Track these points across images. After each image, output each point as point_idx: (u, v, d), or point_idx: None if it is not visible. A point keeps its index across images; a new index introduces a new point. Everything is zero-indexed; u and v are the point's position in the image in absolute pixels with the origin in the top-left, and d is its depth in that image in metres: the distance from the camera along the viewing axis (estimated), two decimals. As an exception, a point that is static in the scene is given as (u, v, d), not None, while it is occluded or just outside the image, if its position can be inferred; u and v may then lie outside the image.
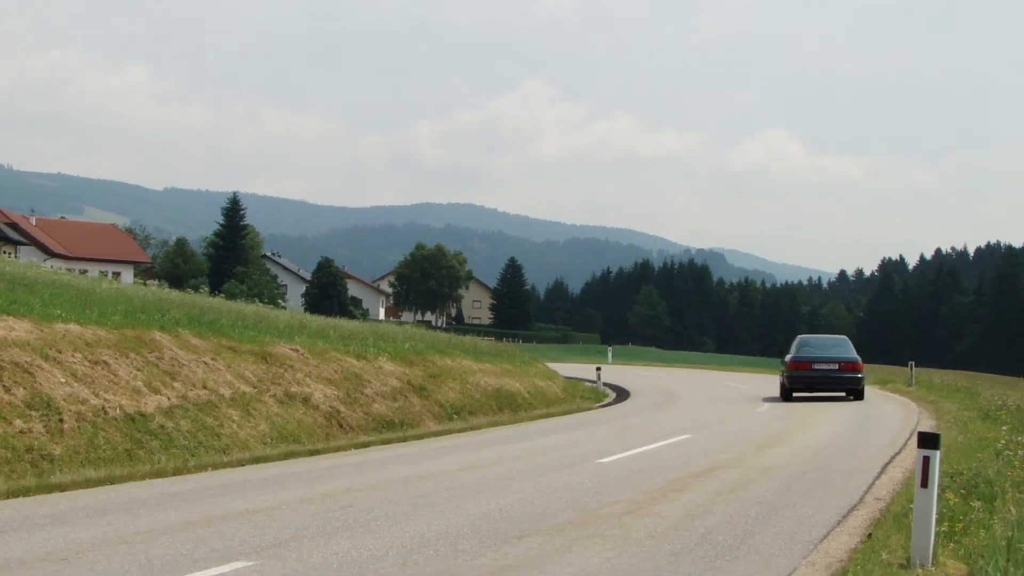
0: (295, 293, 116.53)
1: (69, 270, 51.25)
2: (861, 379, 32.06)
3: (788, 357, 32.60)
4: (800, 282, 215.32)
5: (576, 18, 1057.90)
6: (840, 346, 33.48)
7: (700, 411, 28.94)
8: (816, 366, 31.76)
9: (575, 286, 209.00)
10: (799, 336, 35.75)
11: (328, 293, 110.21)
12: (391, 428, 21.70)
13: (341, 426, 20.50)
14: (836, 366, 31.81)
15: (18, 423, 13.66)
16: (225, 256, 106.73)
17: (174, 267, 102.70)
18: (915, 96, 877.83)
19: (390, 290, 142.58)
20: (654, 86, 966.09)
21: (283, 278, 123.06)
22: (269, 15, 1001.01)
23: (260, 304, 35.85)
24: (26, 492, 11.96)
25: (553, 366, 43.40)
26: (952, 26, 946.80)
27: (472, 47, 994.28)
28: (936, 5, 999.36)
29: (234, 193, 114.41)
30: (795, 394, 32.32)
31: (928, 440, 8.75)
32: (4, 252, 61.24)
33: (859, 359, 32.48)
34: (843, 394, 32.26)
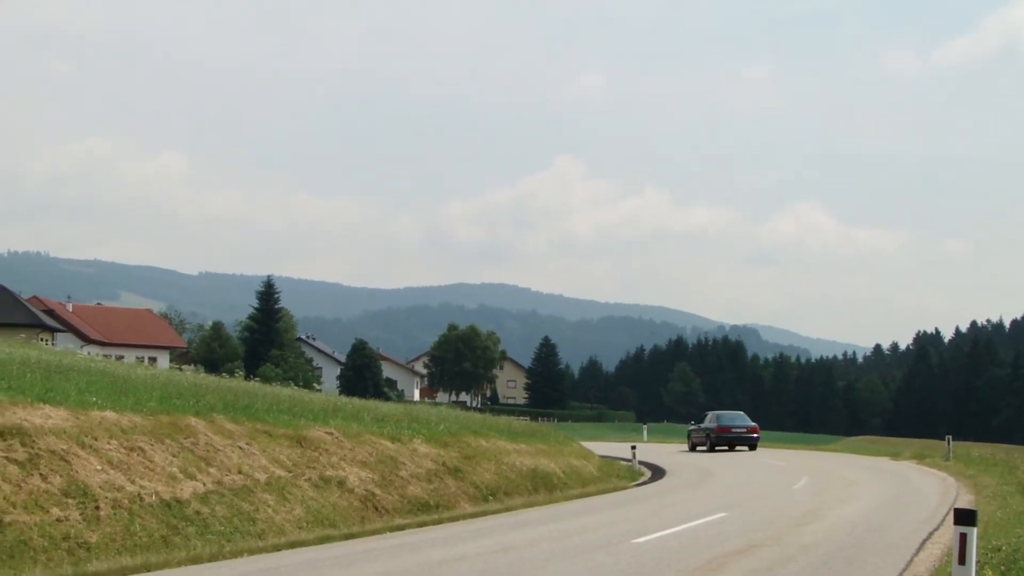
0: (330, 375, 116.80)
1: (106, 356, 51.71)
2: (757, 438, 50.35)
3: (713, 424, 49.91)
4: (835, 357, 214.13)
5: (606, 95, 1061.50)
6: (742, 417, 52.27)
7: (736, 488, 28.76)
8: (733, 430, 49.64)
9: (609, 364, 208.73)
10: (712, 412, 54.59)
11: (363, 375, 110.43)
12: (426, 510, 21.64)
13: (376, 509, 20.48)
14: (744, 429, 49.90)
15: (55, 511, 13.76)
16: (260, 340, 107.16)
17: (210, 351, 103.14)
18: (947, 167, 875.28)
19: (424, 371, 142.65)
20: (684, 161, 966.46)
21: (318, 361, 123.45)
22: (302, 99, 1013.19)
23: (295, 387, 35.97)
24: (63, 580, 12.02)
25: (588, 445, 43.24)
26: (981, 98, 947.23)
27: (504, 125, 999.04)
28: (965, 77, 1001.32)
29: (268, 276, 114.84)
30: (717, 448, 48.84)
31: (964, 516, 8.73)
32: (41, 339, 61.80)
33: (756, 425, 51.25)
34: (726, 447, 49.22)
